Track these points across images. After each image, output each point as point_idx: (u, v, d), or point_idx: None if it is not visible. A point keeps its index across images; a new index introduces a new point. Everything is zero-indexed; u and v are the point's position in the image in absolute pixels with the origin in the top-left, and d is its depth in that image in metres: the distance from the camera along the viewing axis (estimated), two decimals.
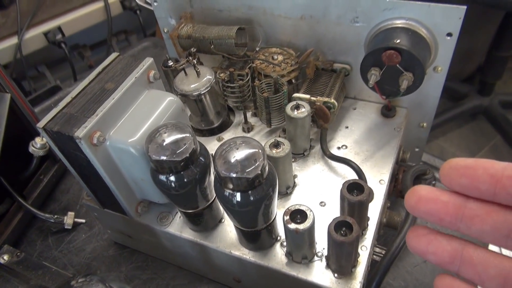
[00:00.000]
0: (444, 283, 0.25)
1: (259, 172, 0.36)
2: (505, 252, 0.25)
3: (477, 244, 0.24)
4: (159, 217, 0.51)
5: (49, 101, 0.90)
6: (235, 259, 0.47)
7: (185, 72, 0.55)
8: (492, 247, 0.26)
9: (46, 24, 1.10)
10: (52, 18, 1.11)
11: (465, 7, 0.44)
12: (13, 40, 1.05)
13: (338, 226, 0.38)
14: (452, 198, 0.23)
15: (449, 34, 0.47)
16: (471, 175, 0.22)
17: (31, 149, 0.61)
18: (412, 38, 0.48)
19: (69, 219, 0.63)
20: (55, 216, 0.63)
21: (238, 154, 0.37)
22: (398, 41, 0.46)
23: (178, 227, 0.50)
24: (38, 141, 0.61)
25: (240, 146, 0.37)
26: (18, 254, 0.50)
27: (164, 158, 0.38)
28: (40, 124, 0.42)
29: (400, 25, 0.49)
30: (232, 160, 0.36)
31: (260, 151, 0.37)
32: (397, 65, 0.47)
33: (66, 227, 0.63)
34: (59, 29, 1.11)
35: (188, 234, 0.49)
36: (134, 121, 0.44)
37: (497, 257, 0.23)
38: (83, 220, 0.65)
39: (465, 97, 1.64)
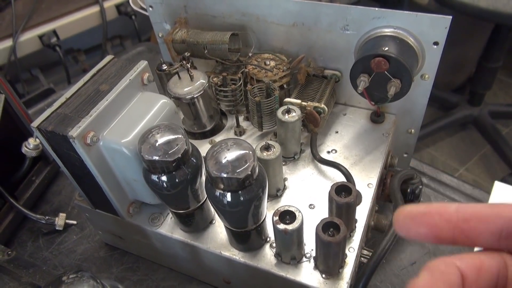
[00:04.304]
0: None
1: (249, 172, 0.37)
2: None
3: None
4: (151, 218, 0.51)
5: (42, 103, 0.90)
6: (225, 260, 0.47)
7: (179, 76, 0.56)
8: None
9: (41, 27, 1.10)
10: (48, 22, 1.11)
11: (450, 17, 0.46)
12: (8, 43, 1.06)
13: (325, 226, 0.39)
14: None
15: (436, 43, 0.49)
16: (429, 224, 0.21)
17: (24, 149, 0.61)
18: (400, 46, 0.49)
19: (60, 220, 0.63)
20: (47, 217, 0.63)
21: (229, 155, 0.37)
22: (387, 48, 0.48)
23: (169, 228, 0.50)
24: (31, 142, 0.61)
25: (231, 147, 0.38)
26: (9, 252, 0.50)
27: (156, 158, 0.39)
28: (34, 124, 0.42)
29: (388, 33, 0.50)
30: (223, 161, 0.37)
31: (250, 152, 0.38)
32: (385, 72, 0.48)
33: (57, 228, 0.63)
34: (54, 32, 1.11)
35: (179, 234, 0.49)
36: (128, 122, 0.45)
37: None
38: (75, 222, 0.65)
39: (456, 107, 1.67)
